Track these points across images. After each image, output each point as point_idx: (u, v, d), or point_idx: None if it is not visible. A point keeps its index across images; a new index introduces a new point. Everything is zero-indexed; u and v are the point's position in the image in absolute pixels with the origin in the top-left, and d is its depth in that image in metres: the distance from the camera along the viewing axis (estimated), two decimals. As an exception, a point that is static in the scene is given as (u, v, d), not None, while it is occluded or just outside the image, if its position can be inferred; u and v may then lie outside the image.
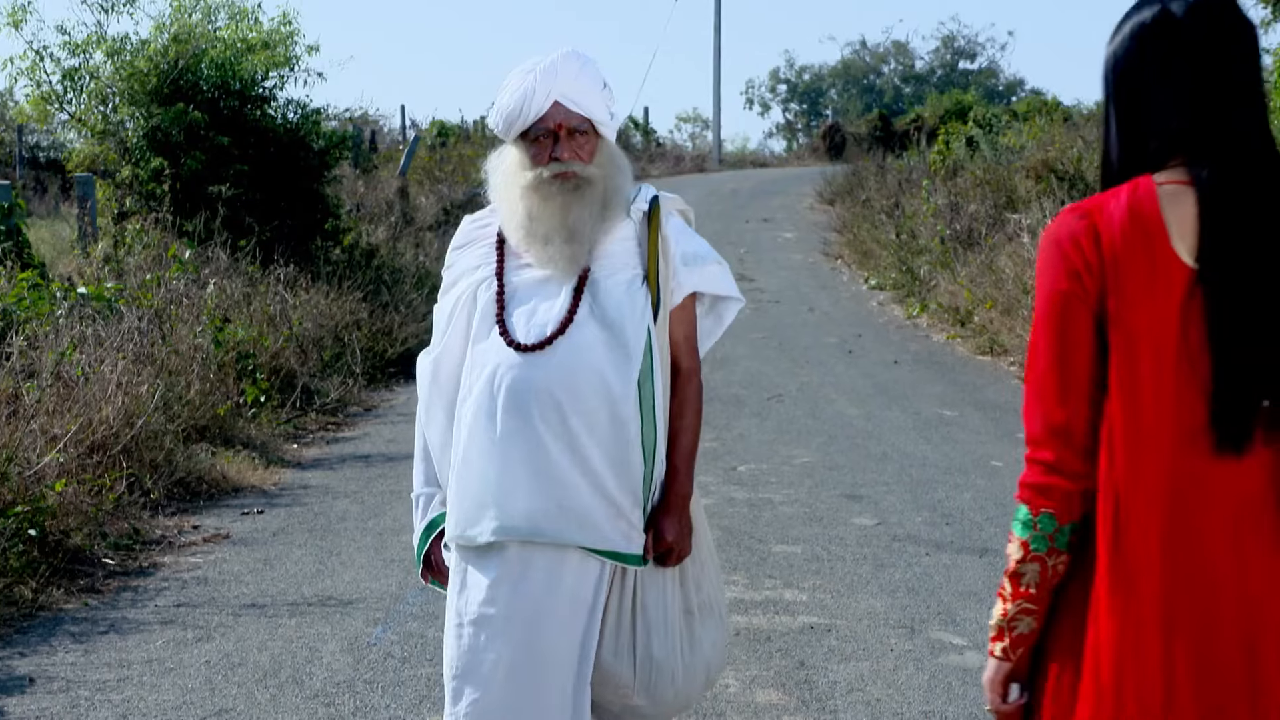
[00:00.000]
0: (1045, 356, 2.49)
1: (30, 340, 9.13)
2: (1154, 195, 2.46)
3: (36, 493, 7.23)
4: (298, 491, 9.06)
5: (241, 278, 12.74)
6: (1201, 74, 2.48)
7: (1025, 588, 2.50)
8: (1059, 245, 2.49)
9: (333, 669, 5.86)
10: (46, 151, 26.60)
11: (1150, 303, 2.43)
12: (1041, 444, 2.48)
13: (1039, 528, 2.48)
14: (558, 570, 3.51)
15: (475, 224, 3.76)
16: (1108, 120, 2.58)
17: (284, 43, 15.32)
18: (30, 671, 5.87)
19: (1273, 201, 2.44)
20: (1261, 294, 2.41)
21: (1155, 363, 2.42)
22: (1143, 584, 2.41)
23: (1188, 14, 2.49)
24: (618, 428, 3.52)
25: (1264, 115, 2.51)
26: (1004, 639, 2.54)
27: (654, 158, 37.95)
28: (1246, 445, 2.41)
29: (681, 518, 3.61)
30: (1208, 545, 2.41)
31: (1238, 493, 2.42)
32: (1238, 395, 2.40)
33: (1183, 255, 2.43)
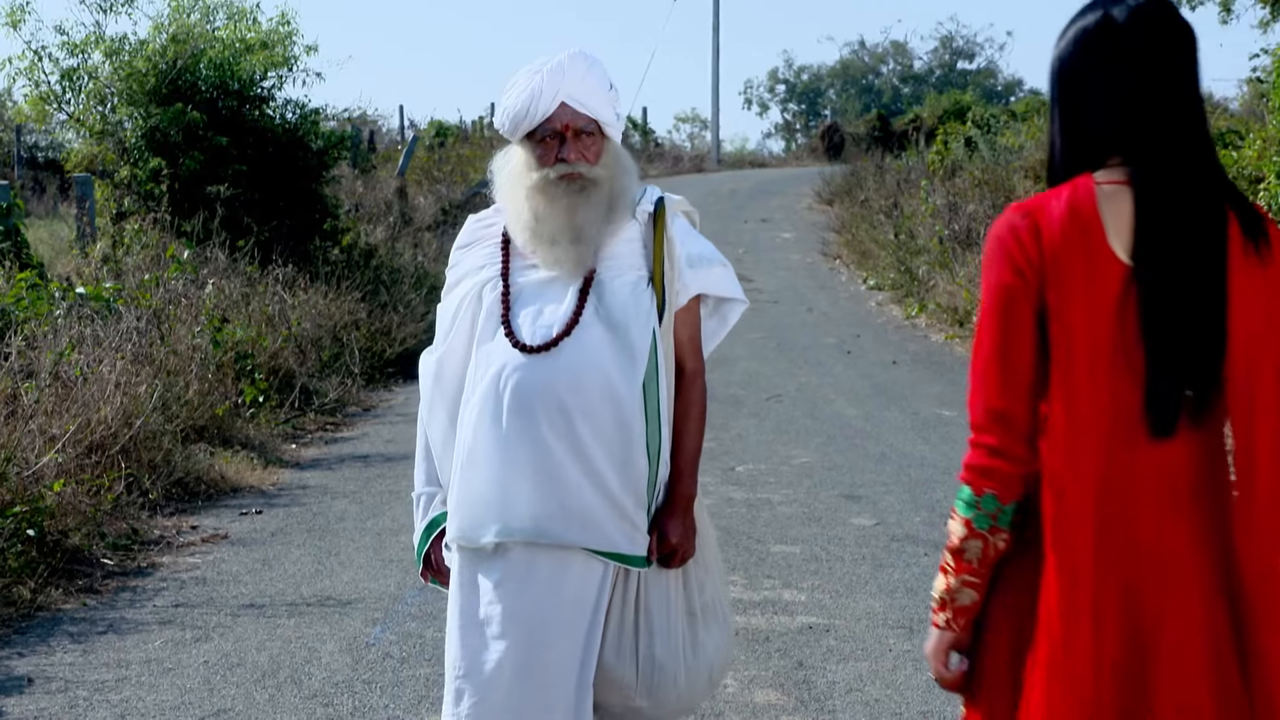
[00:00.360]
0: (989, 347, 2.61)
1: (29, 340, 9.13)
2: (1093, 194, 2.58)
3: (35, 493, 7.23)
4: (296, 492, 9.05)
5: (240, 278, 12.74)
6: (1141, 78, 2.58)
7: (968, 563, 2.64)
8: (1003, 242, 2.61)
9: (331, 669, 5.86)
10: (45, 152, 26.58)
11: (1087, 298, 2.55)
12: (984, 429, 2.60)
13: (982, 507, 2.60)
14: (561, 571, 3.50)
15: (480, 224, 3.75)
16: (1053, 121, 2.69)
17: (282, 43, 15.32)
18: (29, 672, 5.86)
19: (1205, 203, 2.57)
20: (1191, 292, 2.54)
21: (1092, 354, 2.55)
22: (1079, 562, 2.54)
23: (1129, 19, 2.59)
24: (622, 429, 3.52)
25: (1202, 118, 2.62)
26: (946, 610, 2.69)
27: (652, 158, 37.93)
28: (1174, 431, 2.55)
29: (685, 519, 3.63)
30: (1139, 524, 2.56)
31: (1169, 475, 2.56)
32: (1168, 385, 2.54)
33: (1119, 253, 2.56)
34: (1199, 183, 2.58)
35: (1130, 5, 2.61)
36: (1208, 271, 2.55)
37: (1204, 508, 2.58)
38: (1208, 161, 2.60)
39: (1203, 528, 2.57)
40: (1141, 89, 2.58)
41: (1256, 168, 12.21)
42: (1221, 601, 2.57)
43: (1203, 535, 2.57)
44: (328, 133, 16.06)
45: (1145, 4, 2.61)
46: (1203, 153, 2.60)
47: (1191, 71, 2.62)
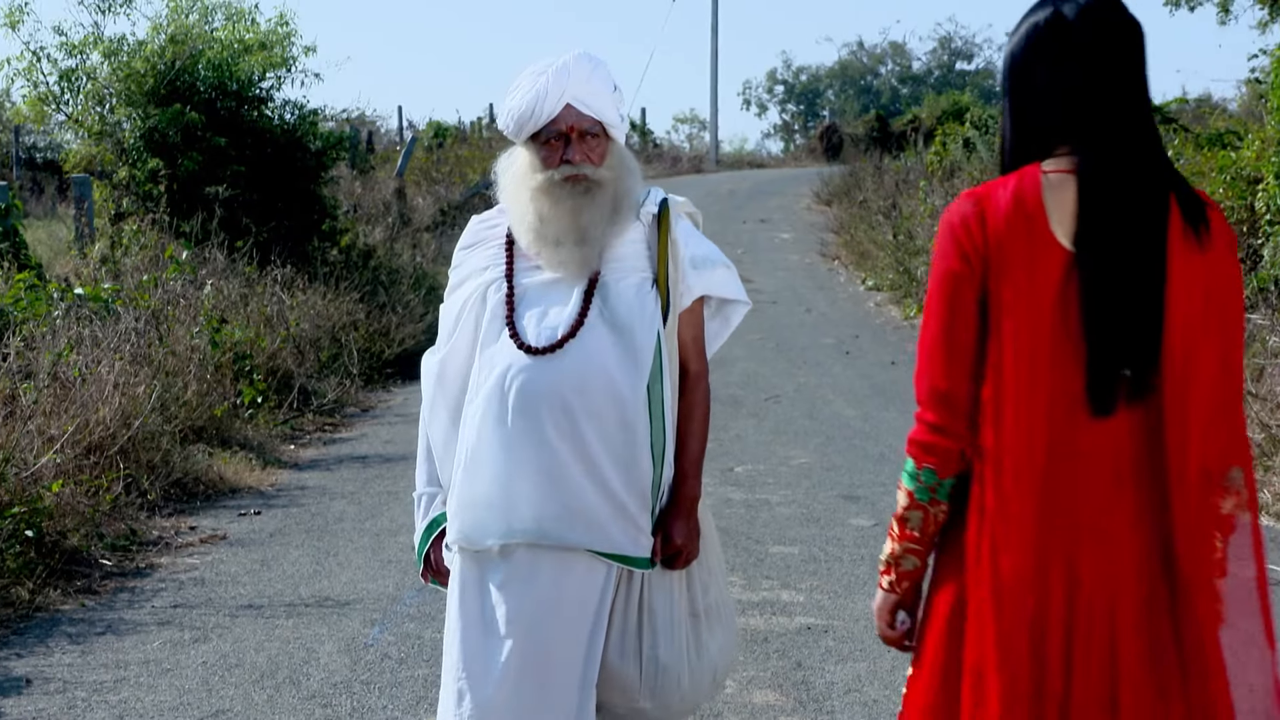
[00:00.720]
0: (933, 329, 2.75)
1: (27, 341, 9.13)
2: (1038, 183, 2.70)
3: (33, 493, 7.23)
4: (295, 492, 9.05)
5: (238, 278, 12.74)
6: (1089, 73, 2.69)
7: (910, 531, 2.81)
8: (951, 229, 2.74)
9: (330, 670, 5.86)
10: (43, 152, 26.57)
11: (1030, 282, 2.67)
12: (927, 406, 2.75)
13: (922, 480, 2.76)
14: (564, 573, 3.50)
15: (484, 224, 3.75)
16: (1004, 113, 2.81)
17: (281, 43, 15.31)
18: (27, 672, 5.86)
19: (1147, 191, 2.68)
20: (1130, 276, 2.65)
21: (1034, 335, 2.66)
22: (1022, 535, 2.66)
23: (1078, 16, 2.70)
24: (627, 431, 3.52)
25: (1148, 111, 2.74)
26: (891, 574, 2.86)
27: (651, 158, 37.92)
28: (1113, 410, 2.67)
29: (690, 520, 3.62)
30: (1082, 499, 2.67)
31: (1110, 453, 2.68)
32: (1106, 365, 2.66)
33: (1061, 239, 2.68)
34: (1142, 171, 2.69)
35: (1080, 3, 2.71)
36: (1147, 256, 2.66)
37: (1145, 485, 2.68)
38: (1152, 151, 2.71)
39: (1143, 504, 2.68)
40: (1089, 83, 2.69)
41: (1255, 168, 12.21)
42: (1159, 577, 2.68)
43: (1143, 511, 2.68)
44: (326, 133, 16.06)
45: (1095, 2, 2.71)
46: (1147, 143, 2.71)
47: (1139, 67, 2.72)
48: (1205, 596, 2.68)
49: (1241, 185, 12.31)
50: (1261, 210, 11.73)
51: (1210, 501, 2.71)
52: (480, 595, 3.53)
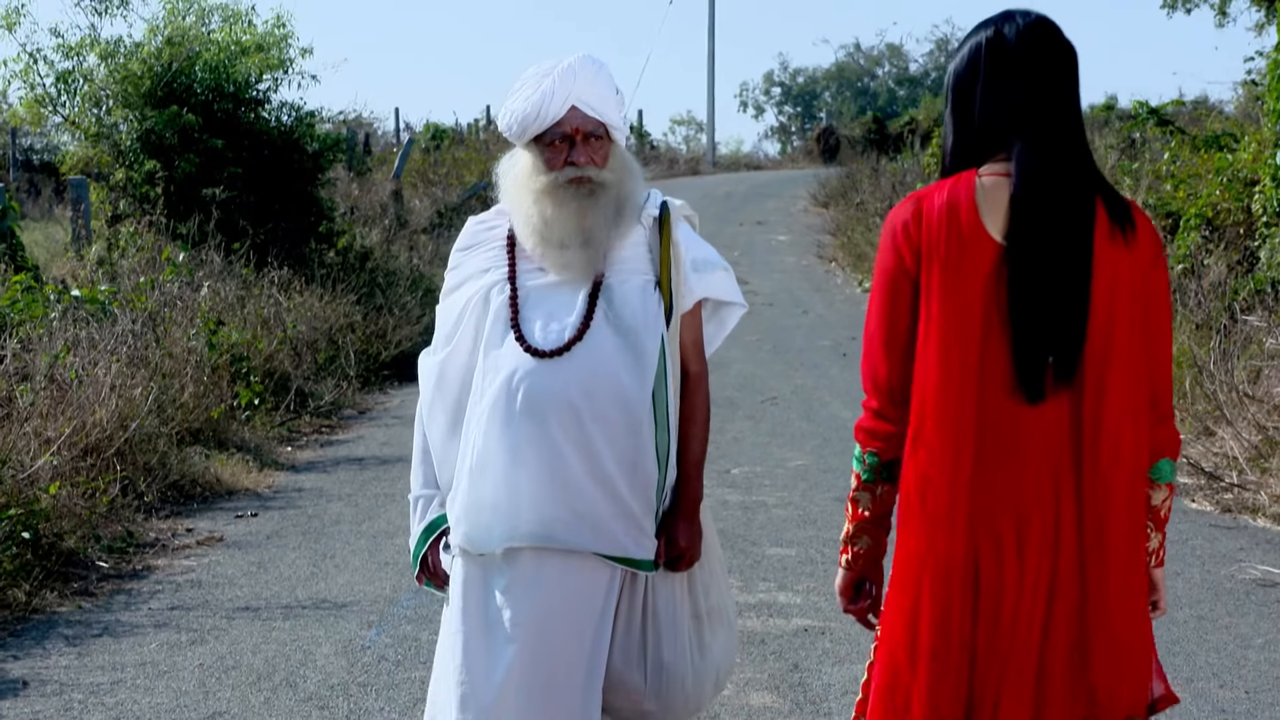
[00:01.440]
0: (875, 322, 2.99)
1: (24, 343, 9.12)
2: (972, 185, 2.92)
3: (30, 495, 7.22)
4: (291, 494, 9.05)
5: (235, 280, 12.73)
6: (1027, 89, 2.92)
7: (861, 511, 3.04)
8: (893, 229, 2.97)
9: (327, 672, 5.86)
10: (40, 154, 26.58)
11: (962, 273, 2.88)
12: (871, 394, 3.00)
13: (867, 463, 3.01)
14: (569, 576, 3.50)
15: (482, 226, 3.74)
16: (947, 123, 3.03)
17: (278, 45, 15.31)
18: (24, 675, 5.86)
19: (1074, 192, 2.89)
20: (1056, 269, 2.85)
21: (965, 323, 2.86)
22: (955, 510, 2.86)
23: (1017, 38, 2.94)
24: (633, 434, 3.52)
25: (1079, 126, 2.96)
26: (848, 552, 3.08)
27: (648, 160, 37.92)
28: (1041, 395, 2.85)
29: (693, 522, 3.63)
30: (1024, 480, 2.86)
31: (1043, 436, 2.86)
32: (1032, 353, 2.85)
33: (993, 234, 2.88)
34: (1070, 175, 2.90)
35: (1019, 25, 2.95)
36: (1072, 250, 2.87)
37: (1070, 464, 2.87)
38: (1081, 160, 2.93)
39: (1074, 487, 2.87)
40: (1027, 100, 2.92)
41: (1252, 170, 12.22)
42: (1088, 554, 2.88)
43: (1074, 493, 2.87)
44: (323, 135, 16.06)
45: (1032, 24, 2.95)
46: (1077, 152, 2.93)
47: (1071, 85, 2.96)
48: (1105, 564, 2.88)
49: (1238, 187, 12.32)
50: (1258, 212, 11.74)
51: (1140, 492, 2.93)
52: (484, 599, 3.51)
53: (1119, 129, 19.80)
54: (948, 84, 3.02)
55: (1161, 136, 15.82)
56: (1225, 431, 9.14)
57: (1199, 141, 14.56)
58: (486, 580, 3.52)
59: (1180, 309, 11.71)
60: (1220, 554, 7.53)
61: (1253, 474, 8.66)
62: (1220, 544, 7.72)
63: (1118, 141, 18.61)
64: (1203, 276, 11.96)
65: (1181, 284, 12.20)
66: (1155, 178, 14.55)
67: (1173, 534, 7.88)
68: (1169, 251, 12.91)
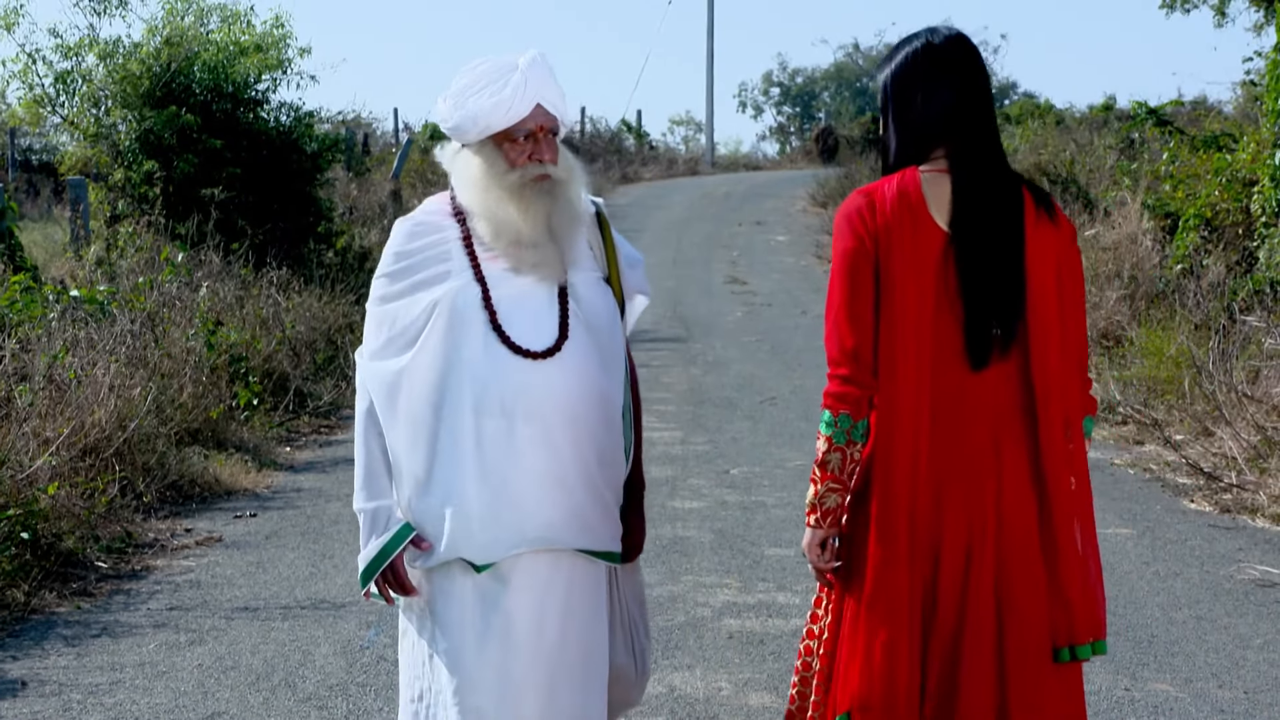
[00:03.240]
0: (839, 298, 3.28)
1: (23, 343, 9.12)
2: (918, 180, 3.29)
3: (29, 496, 7.22)
4: (290, 494, 9.05)
5: (234, 281, 12.73)
6: (958, 92, 3.31)
7: (831, 472, 3.29)
8: (848, 217, 3.29)
9: (326, 672, 5.86)
10: (39, 154, 26.57)
11: (915, 258, 3.23)
12: (839, 363, 3.28)
13: (839, 425, 3.27)
14: (565, 575, 3.51)
15: (421, 226, 3.61)
16: (886, 126, 3.38)
17: (276, 45, 15.32)
18: (22, 675, 5.86)
19: (1006, 184, 3.30)
20: (996, 252, 3.25)
21: (919, 302, 3.22)
22: (917, 466, 3.21)
23: (946, 44, 3.34)
24: (611, 431, 3.55)
25: (995, 123, 3.37)
26: (817, 512, 3.33)
27: (647, 160, 37.92)
28: (987, 363, 3.24)
29: (642, 513, 3.71)
30: (970, 438, 3.24)
31: (990, 397, 3.26)
32: (979, 325, 3.24)
33: (939, 223, 3.26)
34: (1000, 170, 3.32)
35: (945, 34, 3.35)
36: (1008, 236, 3.26)
37: (1018, 426, 3.27)
38: (1003, 156, 3.36)
39: (1017, 442, 3.26)
40: (959, 101, 3.31)
41: (1250, 170, 12.22)
42: (1031, 502, 3.26)
43: (1018, 448, 3.26)
44: (322, 135, 16.06)
45: (956, 37, 3.35)
46: (1000, 149, 3.36)
47: (990, 89, 3.37)
48: (1063, 514, 3.26)
49: (1237, 187, 12.33)
50: (1257, 213, 11.75)
51: (1068, 447, 3.29)
52: (479, 610, 3.47)
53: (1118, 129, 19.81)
54: (886, 89, 3.38)
55: (1160, 137, 15.82)
56: (1224, 432, 9.14)
57: (1198, 142, 14.56)
58: (479, 590, 3.47)
59: (1179, 309, 11.72)
60: (1219, 554, 7.53)
61: (1251, 474, 8.66)
62: (1219, 544, 7.72)
63: (1116, 142, 18.62)
64: (1201, 277, 11.97)
65: (1180, 284, 12.21)
66: (1154, 178, 14.56)
67: (1172, 534, 7.89)
68: (1168, 252, 12.92)
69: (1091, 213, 15.39)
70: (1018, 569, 3.23)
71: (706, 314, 16.47)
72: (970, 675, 3.22)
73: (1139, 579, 7.09)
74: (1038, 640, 3.24)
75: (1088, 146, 18.77)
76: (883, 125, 3.40)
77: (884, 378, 3.22)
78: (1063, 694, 3.29)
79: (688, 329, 15.55)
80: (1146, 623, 6.43)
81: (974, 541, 3.23)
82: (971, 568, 3.23)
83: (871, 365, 3.24)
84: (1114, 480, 9.19)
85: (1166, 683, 5.71)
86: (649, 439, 10.19)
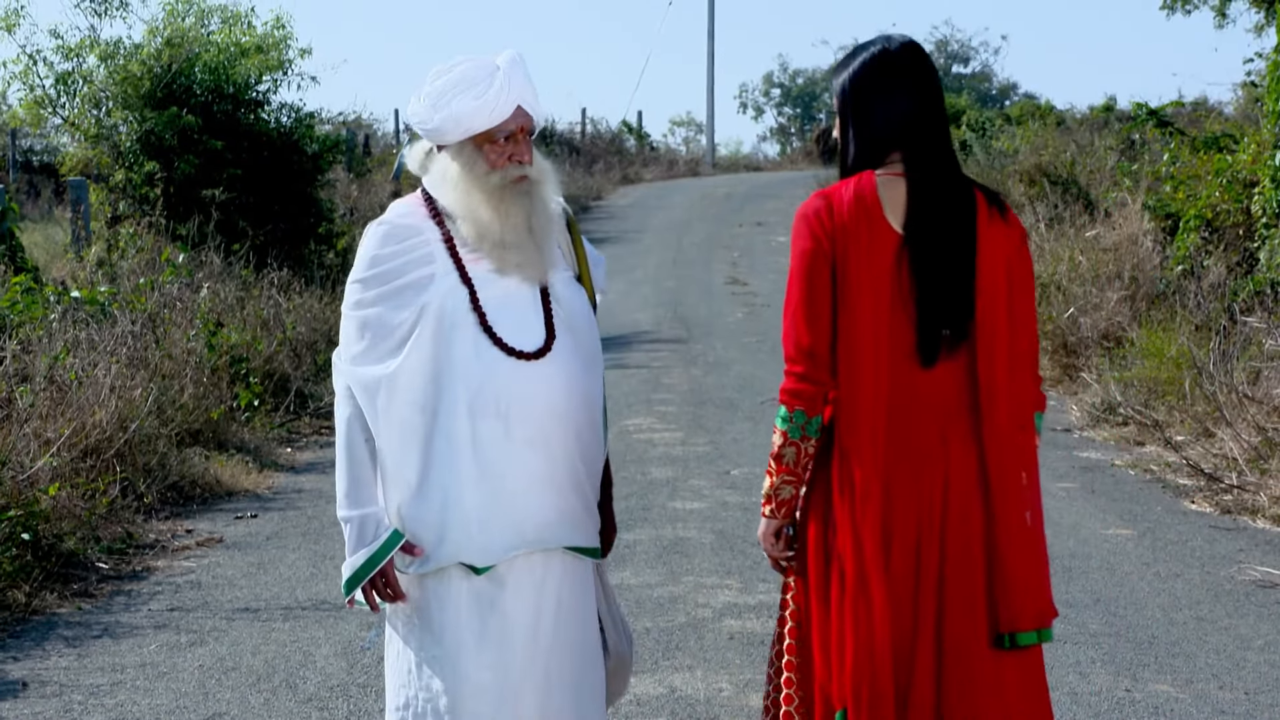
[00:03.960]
0: (796, 297, 3.36)
1: (23, 344, 9.12)
2: (874, 183, 3.38)
3: (30, 497, 7.22)
4: (291, 495, 9.05)
5: (235, 281, 12.73)
6: (914, 98, 3.41)
7: (786, 465, 3.41)
8: (806, 218, 3.39)
9: (326, 673, 5.86)
10: (40, 155, 26.56)
11: (870, 259, 3.33)
12: (795, 360, 3.36)
13: (794, 420, 3.37)
14: (558, 574, 3.53)
15: (396, 228, 3.56)
16: (844, 131, 3.46)
17: (277, 46, 15.32)
18: (23, 676, 5.86)
19: (959, 190, 3.38)
20: (948, 255, 3.34)
21: (875, 302, 3.32)
22: (874, 457, 3.30)
23: (900, 52, 3.43)
24: (594, 430, 3.59)
25: (948, 128, 3.46)
26: (772, 503, 3.46)
27: (647, 161, 37.90)
28: (935, 361, 3.34)
29: (612, 508, 3.73)
30: (921, 432, 3.34)
31: (940, 393, 3.36)
32: (931, 325, 3.33)
33: (894, 225, 3.36)
34: (954, 174, 3.41)
35: (898, 42, 3.44)
36: (960, 240, 3.35)
37: (965, 421, 3.36)
38: (955, 160, 3.44)
39: (964, 436, 3.35)
40: (914, 107, 3.40)
41: (1251, 172, 12.22)
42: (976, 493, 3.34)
43: (965, 442, 3.35)
44: (322, 136, 16.06)
45: (908, 43, 3.45)
46: (952, 154, 3.45)
47: (942, 94, 3.47)
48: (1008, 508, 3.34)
49: (1237, 188, 12.32)
50: (1257, 214, 11.74)
51: (1018, 441, 3.37)
52: (479, 612, 3.47)
53: (1118, 130, 19.79)
54: (844, 95, 3.45)
55: (1161, 138, 15.81)
56: (1225, 433, 9.14)
57: (1198, 143, 14.55)
58: (474, 592, 3.47)
59: (1180, 310, 11.71)
60: (1220, 555, 7.53)
61: (1252, 475, 8.66)
62: (1220, 545, 7.72)
63: (1117, 143, 18.61)
64: (1202, 278, 11.96)
65: (1181, 285, 12.20)
66: (1155, 179, 14.55)
67: (1172, 535, 7.89)
68: (1169, 253, 12.91)
69: (1092, 214, 15.38)
70: (961, 560, 3.34)
71: (707, 315, 16.47)
72: (921, 666, 3.32)
73: (1140, 580, 7.09)
74: (974, 629, 3.33)
75: (1088, 147, 18.76)
76: (840, 129, 3.48)
77: (845, 374, 3.32)
78: (1007, 683, 3.35)
79: (688, 330, 15.55)
80: (1147, 624, 6.43)
81: (923, 534, 3.33)
82: (921, 559, 3.33)
83: (828, 363, 3.34)
84: (1115, 481, 9.19)
85: (1167, 684, 5.71)
86: (649, 440, 10.20)
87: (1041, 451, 3.53)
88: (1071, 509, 8.46)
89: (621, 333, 15.31)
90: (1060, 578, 7.07)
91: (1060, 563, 7.32)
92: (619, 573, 7.17)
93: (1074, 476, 9.29)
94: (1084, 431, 10.71)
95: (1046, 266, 13.60)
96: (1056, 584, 6.95)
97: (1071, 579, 7.07)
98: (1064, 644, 6.13)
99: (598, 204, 28.68)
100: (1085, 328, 12.39)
